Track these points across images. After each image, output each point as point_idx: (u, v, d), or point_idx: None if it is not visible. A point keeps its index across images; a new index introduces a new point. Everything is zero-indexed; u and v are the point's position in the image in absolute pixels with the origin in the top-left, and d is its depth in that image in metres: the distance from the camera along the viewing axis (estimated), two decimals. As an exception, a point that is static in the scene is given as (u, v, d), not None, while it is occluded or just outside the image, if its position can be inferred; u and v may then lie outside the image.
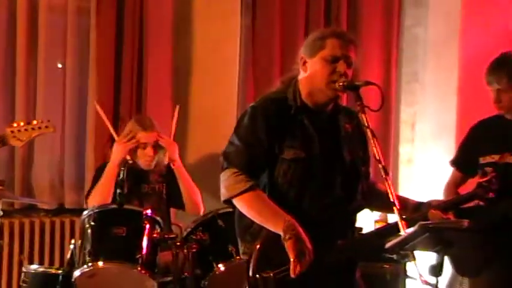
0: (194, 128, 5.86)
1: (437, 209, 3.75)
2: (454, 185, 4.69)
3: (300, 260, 3.46)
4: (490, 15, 6.15)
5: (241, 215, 3.68)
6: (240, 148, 3.62)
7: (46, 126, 4.61)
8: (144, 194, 5.07)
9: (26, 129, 4.54)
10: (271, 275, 3.54)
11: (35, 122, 4.60)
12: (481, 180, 3.88)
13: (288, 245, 3.46)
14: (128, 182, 5.01)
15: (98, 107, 5.24)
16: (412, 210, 3.74)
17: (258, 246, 3.59)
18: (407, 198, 3.87)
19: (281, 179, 3.62)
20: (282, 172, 3.62)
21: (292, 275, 3.47)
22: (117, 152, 4.97)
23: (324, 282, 3.60)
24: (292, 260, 3.46)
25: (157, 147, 5.09)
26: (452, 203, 3.99)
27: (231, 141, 3.67)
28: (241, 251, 3.76)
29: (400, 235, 3.36)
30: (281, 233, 3.47)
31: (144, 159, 5.05)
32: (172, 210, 5.29)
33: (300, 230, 3.49)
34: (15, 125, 4.56)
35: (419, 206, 3.78)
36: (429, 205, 3.78)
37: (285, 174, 3.62)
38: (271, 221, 3.54)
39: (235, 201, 3.62)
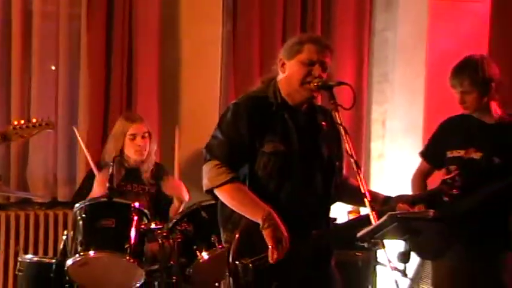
0: (180, 125, 5.84)
1: (405, 203, 3.77)
2: (421, 175, 4.70)
3: (278, 248, 3.48)
4: (455, 20, 6.14)
5: (223, 205, 3.69)
6: (223, 142, 3.64)
7: (46, 124, 4.61)
8: (136, 193, 5.05)
9: (27, 127, 4.54)
10: (250, 261, 3.56)
11: (34, 120, 4.60)
12: (445, 177, 3.89)
13: (266, 234, 3.48)
14: (121, 180, 5.02)
15: (77, 133, 5.22)
16: (382, 204, 3.74)
17: (238, 234, 3.60)
18: (377, 193, 3.87)
19: (261, 172, 3.63)
20: (262, 165, 3.63)
21: (270, 261, 3.49)
22: (98, 189, 4.96)
23: (301, 269, 3.63)
24: (270, 247, 3.48)
25: (146, 138, 5.06)
26: (419, 198, 4.01)
27: (214, 135, 3.69)
28: (223, 239, 3.77)
29: (371, 225, 3.39)
30: (260, 222, 3.50)
31: (135, 150, 5.04)
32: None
33: (278, 219, 3.50)
34: (16, 122, 4.55)
35: (388, 199, 3.78)
36: (397, 199, 3.78)
37: (265, 166, 3.63)
38: (251, 210, 3.56)
39: (216, 192, 3.64)
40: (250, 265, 3.56)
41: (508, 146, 4.35)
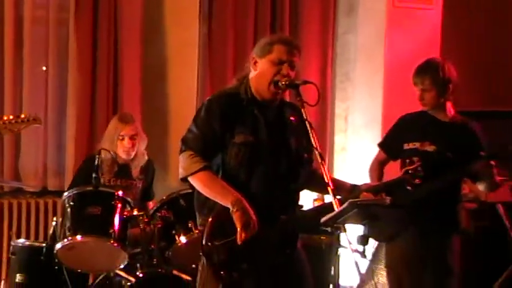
0: (161, 121, 5.86)
1: (369, 192, 3.81)
2: (378, 164, 4.74)
3: (246, 229, 3.51)
4: (410, 25, 6.18)
5: (198, 192, 3.71)
6: (197, 134, 3.65)
7: (34, 119, 4.60)
8: (125, 186, 5.02)
9: (16, 122, 4.52)
10: (222, 243, 3.59)
11: (23, 115, 4.59)
12: (408, 168, 3.92)
13: (235, 217, 3.50)
14: (112, 176, 5.02)
15: None
16: (347, 192, 3.76)
17: (211, 218, 3.62)
18: (344, 182, 3.91)
19: (233, 161, 3.64)
20: (234, 154, 3.64)
21: (238, 242, 3.52)
22: None
23: (269, 252, 3.65)
24: (238, 229, 3.51)
25: (134, 139, 5.04)
26: (382, 187, 4.03)
27: (189, 128, 3.70)
28: (198, 223, 3.78)
29: (333, 211, 3.42)
30: (230, 207, 3.53)
31: (123, 150, 5.01)
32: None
33: (246, 203, 3.52)
34: (5, 118, 4.54)
35: (353, 188, 3.81)
36: (362, 188, 3.82)
37: (236, 156, 3.64)
38: (221, 196, 3.58)
39: (190, 179, 3.66)
40: (222, 246, 3.60)
41: (459, 144, 4.39)
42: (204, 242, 3.61)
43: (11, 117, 4.52)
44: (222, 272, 3.62)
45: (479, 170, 4.33)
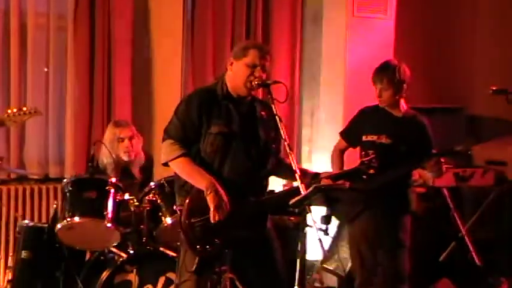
0: (149, 115, 5.85)
1: (328, 179, 3.82)
2: (339, 151, 4.74)
3: (218, 210, 3.53)
4: (367, 33, 6.19)
5: (178, 176, 3.75)
6: (177, 125, 3.69)
7: (35, 111, 4.59)
8: (127, 185, 4.90)
9: (19, 114, 4.51)
10: (197, 221, 3.60)
11: (25, 108, 4.58)
12: (364, 159, 3.93)
13: (209, 198, 3.54)
14: (116, 175, 4.96)
15: None
16: (311, 178, 3.77)
17: (188, 199, 3.64)
18: (307, 170, 3.95)
19: (208, 148, 3.67)
20: (210, 143, 3.67)
21: (212, 221, 3.54)
22: None
23: (239, 230, 3.68)
24: (211, 209, 3.53)
25: (133, 140, 4.97)
26: (340, 175, 4.04)
27: (171, 120, 3.74)
28: (177, 203, 3.80)
29: (300, 194, 3.43)
30: (204, 189, 3.54)
31: (124, 151, 4.93)
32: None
33: (218, 186, 3.56)
34: (9, 111, 4.53)
35: (316, 175, 3.82)
36: (323, 175, 3.84)
37: (211, 144, 3.67)
38: (197, 179, 3.62)
39: (170, 164, 3.70)
40: (197, 224, 3.61)
41: (411, 137, 4.43)
42: (181, 220, 3.63)
43: (15, 110, 4.52)
44: (197, 246, 3.64)
45: (431, 165, 4.36)
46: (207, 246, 3.64)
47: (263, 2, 6.23)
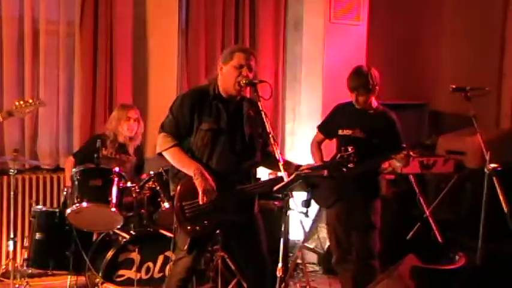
0: (147, 112, 5.84)
1: (309, 169, 3.81)
2: (316, 143, 4.77)
3: (206, 193, 3.57)
4: (343, 37, 6.20)
5: (172, 166, 3.78)
6: (171, 120, 3.72)
7: (39, 103, 4.61)
8: (122, 161, 5.01)
9: (25, 105, 4.52)
10: (188, 204, 3.63)
11: (30, 100, 4.58)
12: (344, 154, 3.92)
13: (197, 183, 3.58)
14: (114, 150, 4.99)
15: None
16: (294, 169, 3.75)
17: (180, 185, 3.68)
18: (290, 161, 3.94)
19: (199, 143, 3.70)
20: (200, 138, 3.70)
21: (200, 203, 3.57)
22: None
23: (226, 213, 3.71)
24: (200, 192, 3.56)
25: (137, 121, 5.05)
26: (321, 168, 4.06)
27: (167, 115, 3.77)
28: (171, 189, 3.82)
29: (283, 182, 3.46)
30: (192, 175, 3.58)
31: (128, 127, 5.00)
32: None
33: (206, 173, 3.59)
34: (17, 103, 4.54)
35: (298, 167, 3.81)
36: (305, 167, 3.82)
37: (202, 139, 3.69)
38: (186, 166, 3.66)
39: (164, 154, 3.74)
40: (187, 206, 3.64)
41: (382, 130, 4.45)
42: (174, 203, 3.67)
43: (21, 102, 4.52)
44: (188, 227, 3.67)
45: (401, 157, 4.39)
46: (197, 227, 3.67)
47: (250, 10, 6.22)
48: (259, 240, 3.82)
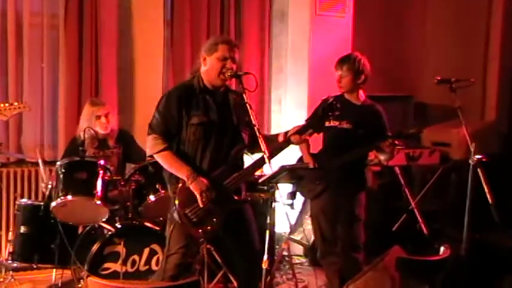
0: (132, 106, 5.83)
1: (296, 134, 3.74)
2: None
3: (203, 194, 3.54)
4: (328, 29, 6.19)
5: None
6: (159, 119, 3.68)
7: (24, 106, 4.54)
8: (107, 156, 4.95)
9: (9, 108, 4.46)
10: (190, 209, 3.63)
11: (16, 103, 4.53)
12: (325, 105, 3.78)
13: (192, 187, 3.57)
14: (95, 149, 4.95)
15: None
16: (282, 137, 3.76)
17: (176, 194, 3.66)
18: (273, 135, 3.94)
19: (192, 137, 3.68)
20: (192, 133, 3.68)
21: (201, 206, 3.55)
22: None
23: (230, 202, 3.71)
24: (198, 196, 3.54)
25: (108, 116, 4.97)
26: (306, 126, 3.89)
27: (153, 116, 3.72)
28: (170, 191, 3.77)
29: (268, 172, 3.45)
30: (185, 179, 3.58)
31: (101, 126, 4.93)
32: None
33: (197, 175, 3.58)
34: (1, 105, 4.48)
35: (285, 133, 3.79)
36: (291, 132, 3.76)
37: (194, 134, 3.68)
38: (178, 171, 3.66)
39: (155, 156, 3.72)
40: (191, 213, 3.62)
41: (369, 122, 4.46)
42: (178, 210, 3.62)
43: (6, 104, 4.46)
44: (200, 231, 3.65)
45: (385, 146, 4.39)
46: (208, 227, 3.65)
47: (235, 2, 6.20)
48: (249, 228, 3.83)
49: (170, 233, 3.76)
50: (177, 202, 3.64)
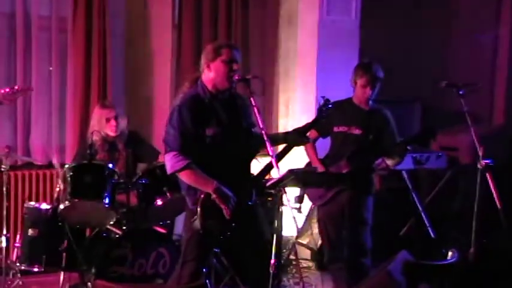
0: (141, 106, 5.84)
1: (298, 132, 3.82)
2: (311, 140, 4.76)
3: (228, 206, 3.53)
4: (337, 33, 6.17)
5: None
6: (175, 135, 3.61)
7: (27, 88, 4.54)
8: (116, 159, 4.96)
9: (12, 92, 4.41)
10: (214, 221, 3.60)
11: (16, 87, 4.47)
12: (321, 106, 3.92)
13: (218, 200, 3.53)
14: (104, 152, 4.95)
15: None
16: (292, 133, 3.83)
17: (199, 205, 3.60)
18: (277, 134, 4.06)
19: (208, 147, 3.64)
20: (208, 143, 3.64)
21: (227, 217, 3.55)
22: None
23: (242, 203, 3.67)
24: (224, 208, 3.53)
25: (117, 119, 4.97)
26: (309, 126, 3.95)
27: (167, 131, 3.65)
28: (189, 203, 3.72)
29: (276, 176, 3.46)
30: (211, 193, 3.54)
31: (110, 129, 4.93)
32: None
33: (222, 187, 3.55)
34: (3, 91, 4.44)
35: (286, 134, 3.86)
36: (294, 132, 3.85)
37: (210, 144, 3.64)
38: (204, 186, 3.59)
39: (178, 174, 3.64)
40: (214, 225, 3.61)
41: (377, 128, 4.46)
42: (201, 222, 3.59)
43: (7, 89, 4.42)
44: (221, 237, 3.65)
45: (397, 151, 4.39)
46: (228, 233, 3.64)
47: (242, 6, 6.19)
48: (261, 228, 3.81)
49: (187, 241, 3.74)
50: (199, 213, 3.59)
